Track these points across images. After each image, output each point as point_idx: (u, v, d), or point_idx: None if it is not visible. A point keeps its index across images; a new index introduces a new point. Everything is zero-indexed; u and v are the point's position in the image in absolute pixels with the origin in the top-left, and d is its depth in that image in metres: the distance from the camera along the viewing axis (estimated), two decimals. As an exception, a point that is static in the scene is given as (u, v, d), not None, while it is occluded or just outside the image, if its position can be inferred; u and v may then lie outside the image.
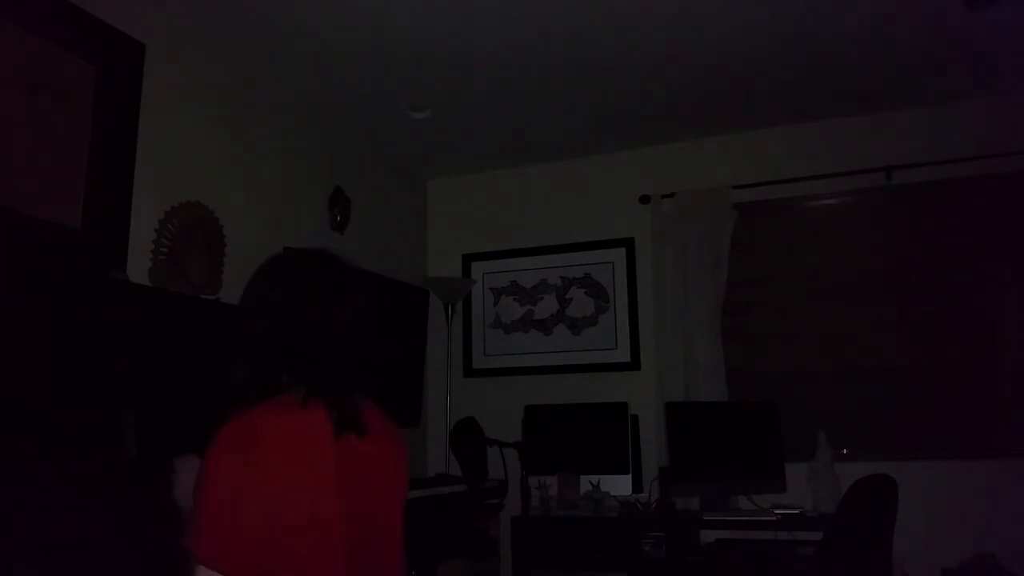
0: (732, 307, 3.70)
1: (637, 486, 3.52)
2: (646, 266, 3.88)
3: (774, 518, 3.08)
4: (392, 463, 1.29)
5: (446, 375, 4.03)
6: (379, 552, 1.23)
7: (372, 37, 2.84)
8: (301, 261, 1.29)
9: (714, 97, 3.43)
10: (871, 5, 2.69)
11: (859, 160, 3.56)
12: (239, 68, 3.02)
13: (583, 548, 3.22)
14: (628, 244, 3.96)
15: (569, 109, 3.52)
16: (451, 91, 3.29)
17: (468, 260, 4.26)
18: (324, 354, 1.22)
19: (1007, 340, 3.34)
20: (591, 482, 3.44)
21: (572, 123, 3.69)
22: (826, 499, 3.14)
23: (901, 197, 3.55)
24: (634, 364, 3.85)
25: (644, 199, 3.90)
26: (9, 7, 2.07)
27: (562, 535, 3.29)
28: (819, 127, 3.68)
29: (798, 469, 3.31)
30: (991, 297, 3.39)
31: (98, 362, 1.85)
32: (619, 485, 3.47)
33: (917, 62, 3.13)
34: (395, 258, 3.99)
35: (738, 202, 3.71)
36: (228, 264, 2.76)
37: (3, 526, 1.50)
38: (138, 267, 2.42)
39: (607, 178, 4.05)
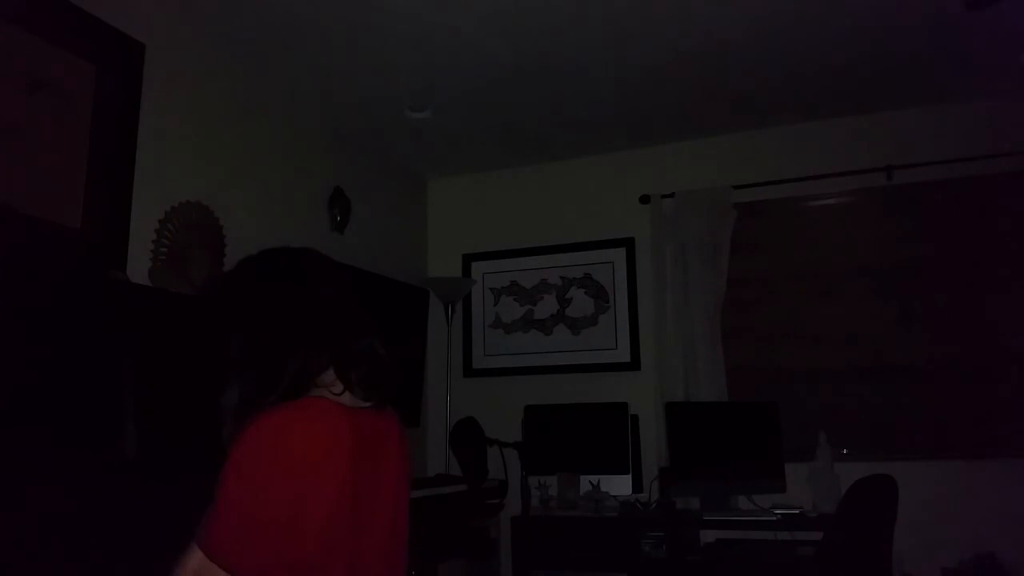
0: (732, 307, 3.70)
1: (637, 486, 3.52)
2: (646, 266, 3.89)
3: (774, 518, 3.08)
4: (401, 462, 1.29)
5: (446, 375, 4.03)
6: (387, 552, 1.23)
7: (372, 37, 2.84)
8: (271, 258, 1.30)
9: (714, 97, 3.43)
10: (871, 5, 2.69)
11: (859, 160, 3.56)
12: (239, 68, 3.02)
13: (583, 548, 3.22)
14: (628, 244, 3.97)
15: (570, 109, 3.52)
16: (451, 91, 3.29)
17: (468, 260, 4.26)
18: (338, 335, 1.22)
19: (1007, 340, 3.34)
20: (591, 482, 3.44)
21: (572, 123, 3.69)
22: (826, 499, 3.14)
23: (901, 197, 3.56)
24: (634, 364, 3.85)
25: (644, 199, 3.90)
26: (9, 7, 2.07)
27: (562, 535, 3.29)
28: (819, 127, 3.68)
29: (798, 469, 3.31)
30: (991, 297, 3.39)
31: (98, 362, 1.85)
32: (619, 485, 3.47)
33: (917, 62, 3.13)
34: (395, 258, 3.99)
35: (738, 202, 3.71)
36: (228, 264, 2.76)
37: (3, 526, 1.50)
38: (138, 267, 2.42)
39: (607, 178, 4.05)
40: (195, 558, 1.05)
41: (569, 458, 3.57)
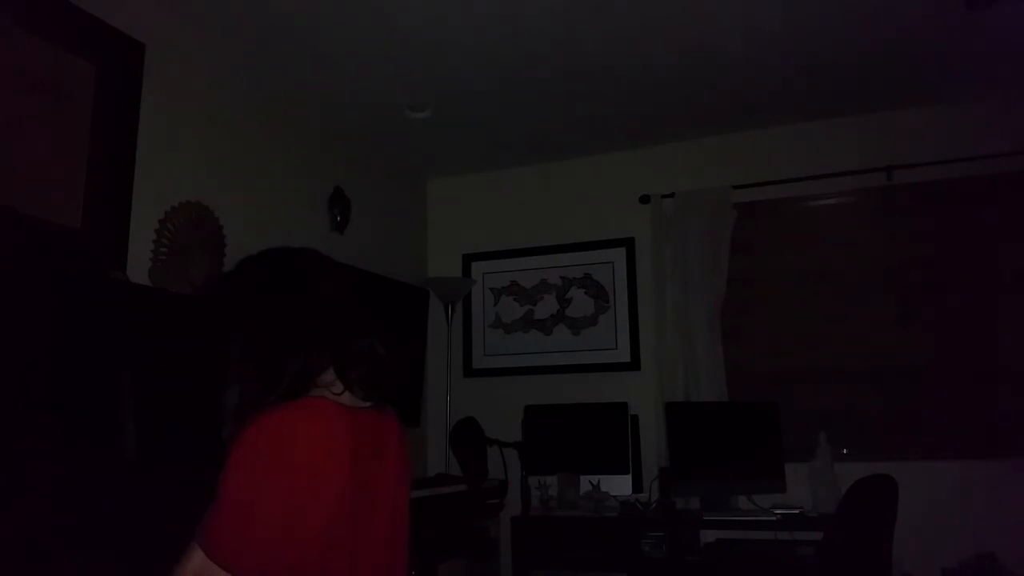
0: (732, 307, 3.70)
1: (637, 486, 3.52)
2: (646, 266, 3.89)
3: (774, 518, 3.08)
4: (401, 462, 1.29)
5: (446, 375, 4.03)
6: (387, 552, 1.23)
7: (372, 37, 2.84)
8: (268, 259, 1.29)
9: (714, 97, 3.43)
10: (871, 5, 2.69)
11: (859, 160, 3.56)
12: (239, 68, 3.01)
13: (583, 548, 3.23)
14: (628, 244, 3.96)
15: (569, 109, 3.52)
16: (451, 91, 3.29)
17: (468, 260, 4.26)
18: (336, 333, 1.22)
19: (1007, 340, 3.33)
20: (591, 482, 3.44)
21: (572, 123, 3.69)
22: (826, 499, 3.14)
23: (901, 197, 3.56)
24: (634, 364, 3.85)
25: (644, 199, 3.90)
26: (9, 7, 2.07)
27: (562, 535, 3.29)
28: (819, 127, 3.68)
29: (798, 469, 3.32)
30: (990, 297, 3.39)
31: (98, 362, 1.85)
32: (619, 485, 3.47)
33: (917, 62, 3.13)
34: (395, 258, 3.99)
35: (738, 202, 3.71)
36: (228, 264, 2.76)
37: (3, 526, 1.50)
38: (138, 267, 2.42)
39: (607, 178, 4.05)
40: (195, 558, 1.05)
41: (569, 458, 3.57)
